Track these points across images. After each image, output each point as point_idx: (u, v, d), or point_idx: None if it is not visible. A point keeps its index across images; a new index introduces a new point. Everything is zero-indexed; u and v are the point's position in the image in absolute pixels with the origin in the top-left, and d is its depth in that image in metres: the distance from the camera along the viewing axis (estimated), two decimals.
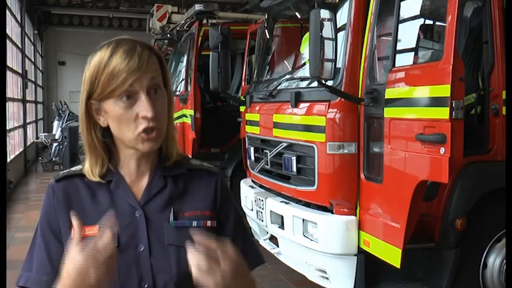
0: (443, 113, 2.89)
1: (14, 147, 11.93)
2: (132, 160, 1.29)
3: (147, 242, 1.24)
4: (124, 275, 1.22)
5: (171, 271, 1.24)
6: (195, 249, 1.07)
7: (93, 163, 1.28)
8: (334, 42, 3.41)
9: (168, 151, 1.32)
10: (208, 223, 1.30)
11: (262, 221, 4.50)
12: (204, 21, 7.09)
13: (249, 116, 5.16)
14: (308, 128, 3.88)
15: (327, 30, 3.39)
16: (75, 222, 1.13)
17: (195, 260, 1.06)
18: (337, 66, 3.51)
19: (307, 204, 3.98)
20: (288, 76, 4.65)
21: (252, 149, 4.99)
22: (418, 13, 3.48)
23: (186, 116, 7.17)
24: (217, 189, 1.35)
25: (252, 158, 4.99)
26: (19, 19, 13.74)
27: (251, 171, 5.12)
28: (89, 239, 1.21)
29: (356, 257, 3.58)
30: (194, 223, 1.28)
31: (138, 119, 1.21)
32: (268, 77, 5.10)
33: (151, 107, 1.20)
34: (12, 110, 11.73)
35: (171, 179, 1.31)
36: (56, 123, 15.65)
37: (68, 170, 1.34)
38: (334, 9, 3.59)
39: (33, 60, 17.01)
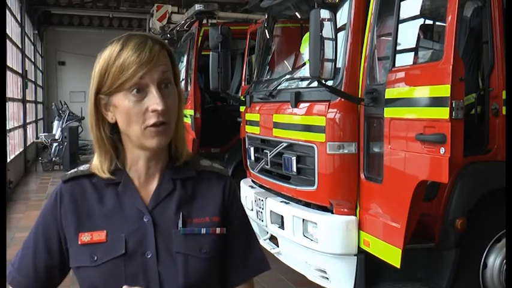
0: (443, 113, 2.89)
1: (14, 147, 11.93)
2: (141, 161, 1.26)
3: (154, 248, 1.21)
4: (130, 282, 1.19)
5: (178, 280, 1.21)
6: None
7: (103, 159, 1.26)
8: (334, 42, 3.41)
9: (178, 150, 1.29)
10: (218, 230, 1.27)
11: (262, 221, 4.50)
12: (204, 21, 7.10)
13: (249, 116, 5.16)
14: (308, 128, 3.88)
15: (327, 30, 3.39)
16: None
17: None
18: (337, 66, 3.51)
19: (307, 204, 3.98)
20: (288, 76, 4.65)
21: (252, 149, 4.99)
22: (418, 13, 3.48)
23: (186, 116, 7.17)
24: (225, 193, 1.32)
25: (252, 158, 4.99)
26: (19, 19, 13.74)
27: (251, 171, 5.12)
28: (96, 245, 1.21)
29: (356, 257, 3.58)
30: (203, 230, 1.25)
31: (147, 113, 1.18)
32: (268, 77, 5.10)
33: (161, 101, 1.17)
34: (12, 110, 11.73)
35: (180, 182, 1.28)
36: (56, 123, 15.65)
37: (75, 170, 1.31)
38: (334, 9, 3.59)
39: (33, 60, 17.01)
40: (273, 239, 4.53)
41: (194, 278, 1.22)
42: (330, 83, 3.61)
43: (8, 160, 9.64)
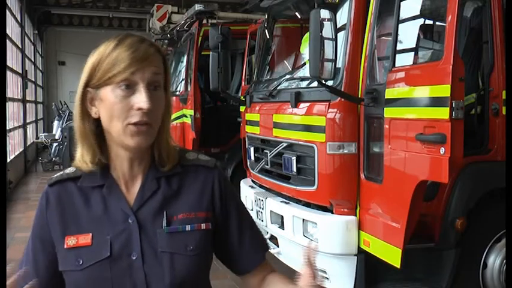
0: (443, 113, 2.89)
1: (14, 147, 11.93)
2: (124, 161, 1.26)
3: (139, 250, 1.21)
4: (117, 284, 1.20)
5: (165, 279, 1.21)
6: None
7: (85, 151, 1.25)
8: (334, 42, 3.41)
9: (162, 158, 1.28)
10: (203, 226, 1.27)
11: (262, 221, 4.50)
12: (204, 21, 7.10)
13: (249, 116, 5.16)
14: (308, 128, 3.88)
15: (327, 30, 3.39)
16: None
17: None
18: (337, 66, 3.51)
19: (307, 204, 3.98)
20: (288, 76, 4.65)
21: (252, 149, 4.99)
22: (418, 13, 3.47)
23: (186, 116, 7.17)
24: (215, 187, 1.31)
25: (252, 158, 4.99)
26: (19, 19, 13.74)
27: (251, 171, 5.12)
28: (81, 249, 1.21)
29: (356, 257, 3.58)
30: (188, 227, 1.25)
31: (131, 111, 1.17)
32: (268, 77, 5.10)
33: (148, 100, 1.17)
34: (12, 110, 11.73)
35: (164, 179, 1.28)
36: (56, 123, 15.66)
37: (61, 173, 1.31)
38: (334, 9, 3.59)
39: (33, 60, 17.01)
40: (273, 239, 4.53)
41: (181, 276, 1.22)
42: (330, 83, 3.61)
43: (8, 160, 9.64)
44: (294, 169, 4.00)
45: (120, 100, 1.18)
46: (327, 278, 3.74)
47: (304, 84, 4.23)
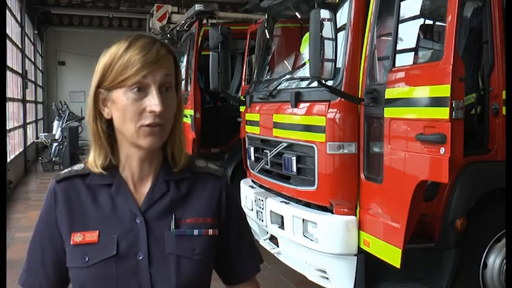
0: (443, 113, 2.89)
1: (14, 147, 11.93)
2: (135, 160, 1.26)
3: (146, 250, 1.22)
4: (122, 284, 1.20)
5: (171, 281, 1.21)
6: None
7: (97, 154, 1.26)
8: (334, 42, 3.41)
9: (175, 157, 1.29)
10: (210, 232, 1.28)
11: (262, 221, 4.50)
12: (204, 21, 7.09)
13: (249, 116, 5.16)
14: (308, 128, 3.88)
15: (327, 30, 3.39)
16: None
17: None
18: (337, 66, 3.51)
19: (307, 204, 3.98)
20: (288, 76, 4.65)
21: (252, 149, 4.99)
22: (418, 13, 3.48)
23: (186, 116, 7.17)
24: (222, 196, 1.33)
25: (252, 158, 4.99)
26: (19, 19, 13.73)
27: (251, 171, 5.12)
28: (87, 246, 1.22)
29: (356, 257, 3.58)
30: (195, 232, 1.26)
31: (144, 113, 1.19)
32: (268, 77, 5.10)
33: (160, 103, 1.18)
34: (12, 110, 11.73)
35: (173, 183, 1.29)
36: (56, 123, 15.67)
37: (69, 170, 1.32)
38: (334, 9, 3.59)
39: (33, 60, 17.01)
40: (273, 239, 4.53)
41: (186, 279, 1.23)
42: (330, 83, 3.61)
43: (8, 160, 9.64)
44: (294, 169, 4.00)
45: (132, 103, 1.19)
46: (327, 278, 3.74)
47: (304, 84, 4.23)
